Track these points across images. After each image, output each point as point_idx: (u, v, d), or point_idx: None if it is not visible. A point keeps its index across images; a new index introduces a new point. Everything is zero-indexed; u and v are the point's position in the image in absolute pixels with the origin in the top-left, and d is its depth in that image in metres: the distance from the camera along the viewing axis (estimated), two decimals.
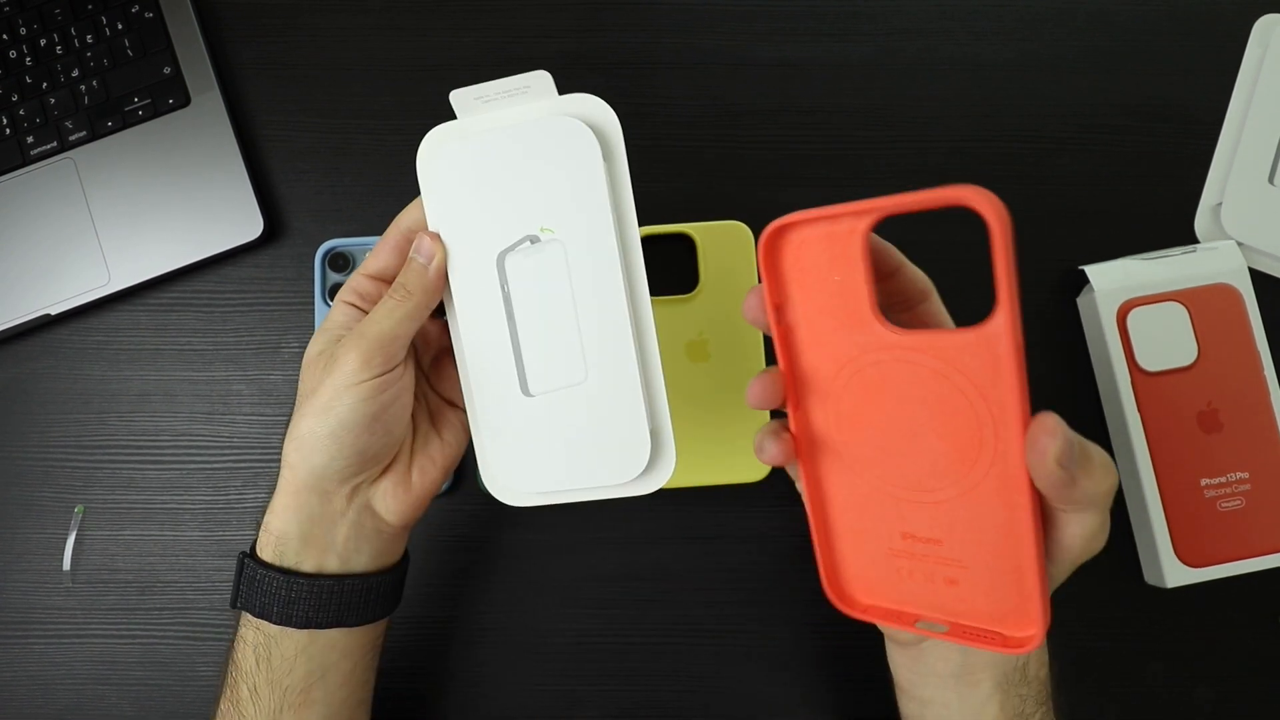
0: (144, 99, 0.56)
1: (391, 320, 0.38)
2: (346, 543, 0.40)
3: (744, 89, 0.57)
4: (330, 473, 0.38)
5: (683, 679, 0.53)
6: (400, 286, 0.39)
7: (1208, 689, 0.53)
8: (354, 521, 0.40)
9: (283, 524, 0.39)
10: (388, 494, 0.40)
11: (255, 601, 0.39)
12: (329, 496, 0.39)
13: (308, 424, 0.38)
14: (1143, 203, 0.56)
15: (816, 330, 0.33)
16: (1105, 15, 0.58)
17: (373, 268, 0.41)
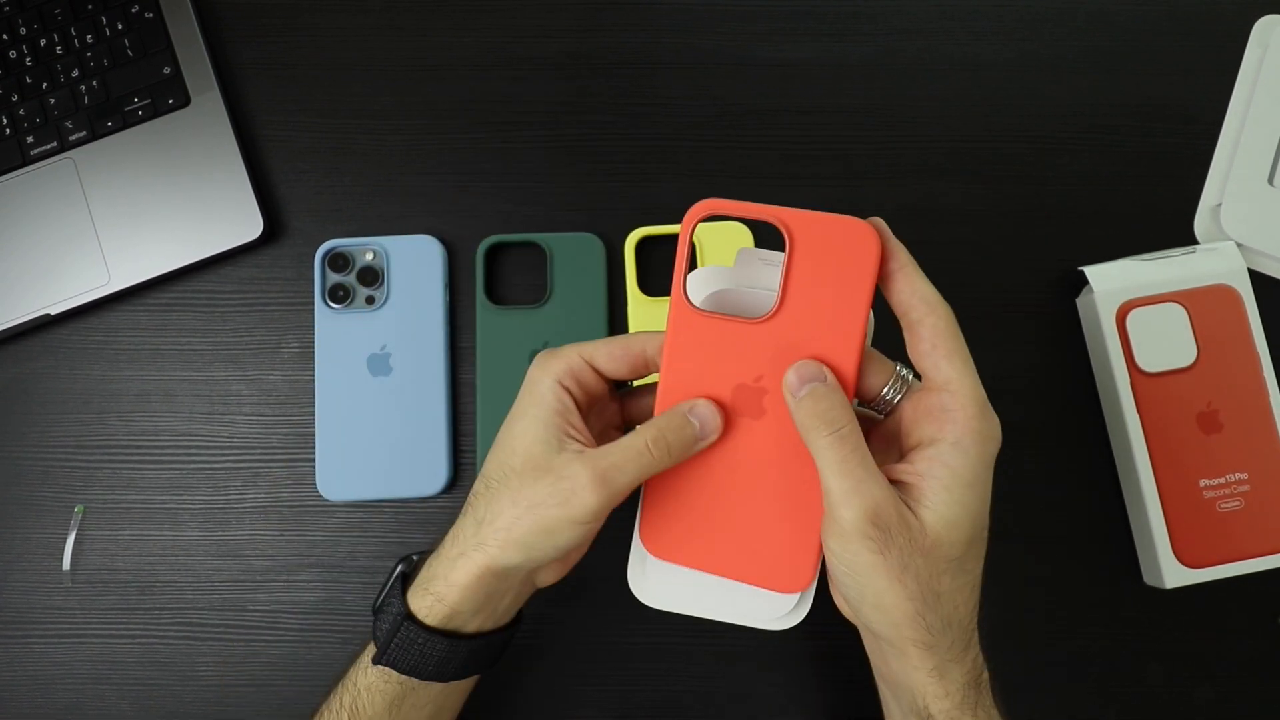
0: (144, 99, 0.56)
1: (639, 477, 0.37)
2: (506, 610, 0.42)
3: (744, 89, 0.57)
4: (526, 569, 0.40)
5: (682, 679, 0.53)
6: (662, 440, 0.36)
7: (1208, 689, 0.53)
8: (517, 593, 0.42)
9: (462, 599, 0.39)
10: (551, 571, 0.42)
11: (408, 661, 0.40)
12: (511, 579, 0.40)
13: (523, 532, 0.37)
14: (1142, 203, 0.56)
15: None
16: (1105, 15, 0.58)
17: (600, 361, 0.39)
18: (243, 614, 0.54)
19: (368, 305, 0.55)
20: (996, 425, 0.36)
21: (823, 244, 0.35)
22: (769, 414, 0.37)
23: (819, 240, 0.35)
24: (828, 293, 0.35)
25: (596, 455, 0.37)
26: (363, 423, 0.54)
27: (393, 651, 0.40)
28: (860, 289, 0.35)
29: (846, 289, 0.35)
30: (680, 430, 0.36)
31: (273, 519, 0.55)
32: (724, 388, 0.37)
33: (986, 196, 0.57)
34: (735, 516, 0.38)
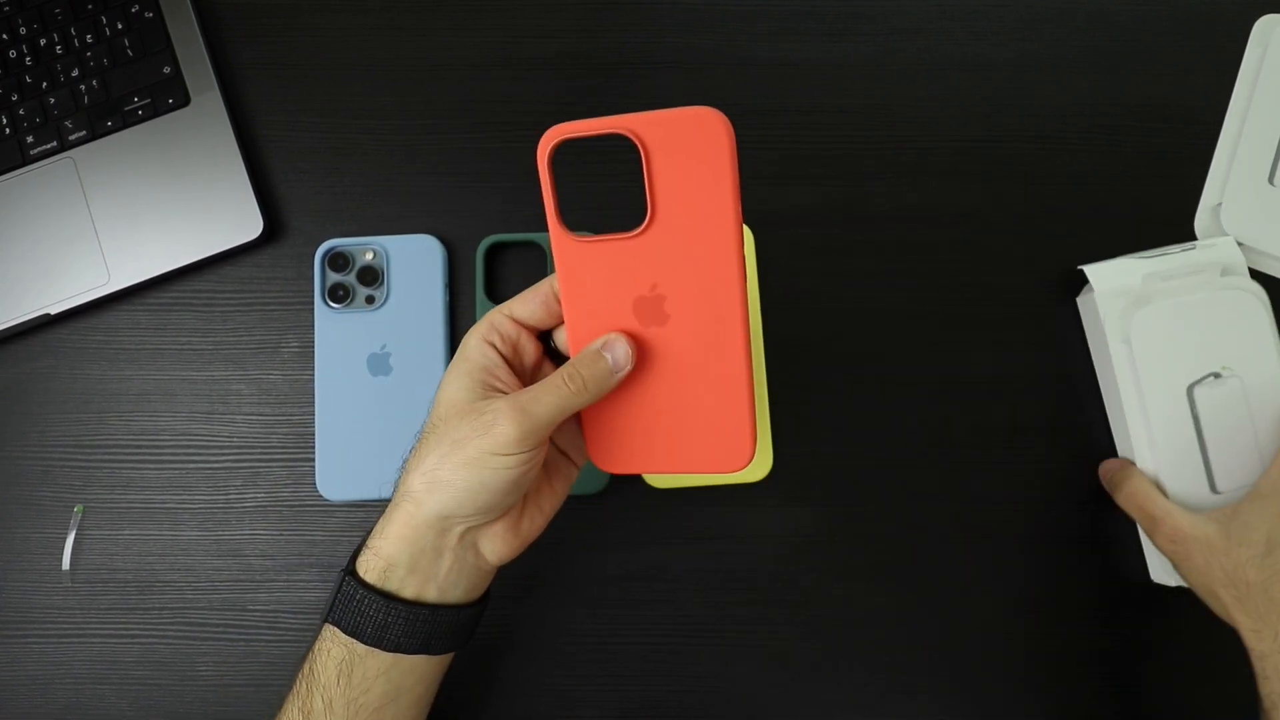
0: (144, 99, 0.56)
1: (558, 408, 0.38)
2: (448, 576, 0.41)
3: (744, 89, 0.57)
4: (456, 518, 0.39)
5: (682, 679, 0.53)
6: (578, 377, 0.38)
7: (1208, 689, 0.53)
8: (459, 557, 0.41)
9: (394, 551, 0.40)
10: (496, 537, 0.41)
11: (348, 620, 0.40)
12: (445, 534, 0.40)
13: (448, 472, 0.38)
14: (1143, 203, 0.56)
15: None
16: (1105, 15, 0.58)
17: (519, 312, 0.41)
18: (243, 614, 0.54)
19: (368, 305, 0.55)
20: None
21: (675, 142, 0.36)
22: (672, 318, 0.38)
23: (671, 139, 0.36)
24: (693, 187, 0.36)
25: (516, 391, 0.39)
26: (363, 423, 0.54)
27: (337, 608, 0.40)
28: (723, 174, 0.36)
29: (710, 178, 0.36)
30: (594, 364, 0.39)
31: (273, 519, 0.55)
32: (624, 304, 0.39)
33: (986, 196, 0.57)
34: (669, 417, 0.40)
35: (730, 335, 0.38)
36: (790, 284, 0.55)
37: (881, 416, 0.55)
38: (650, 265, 0.38)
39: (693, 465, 0.41)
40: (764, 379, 0.54)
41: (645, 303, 0.39)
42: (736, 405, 0.39)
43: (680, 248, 0.37)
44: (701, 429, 0.40)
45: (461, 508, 0.39)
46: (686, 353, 0.39)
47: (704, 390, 0.39)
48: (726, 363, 0.38)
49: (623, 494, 0.54)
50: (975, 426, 0.55)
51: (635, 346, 0.39)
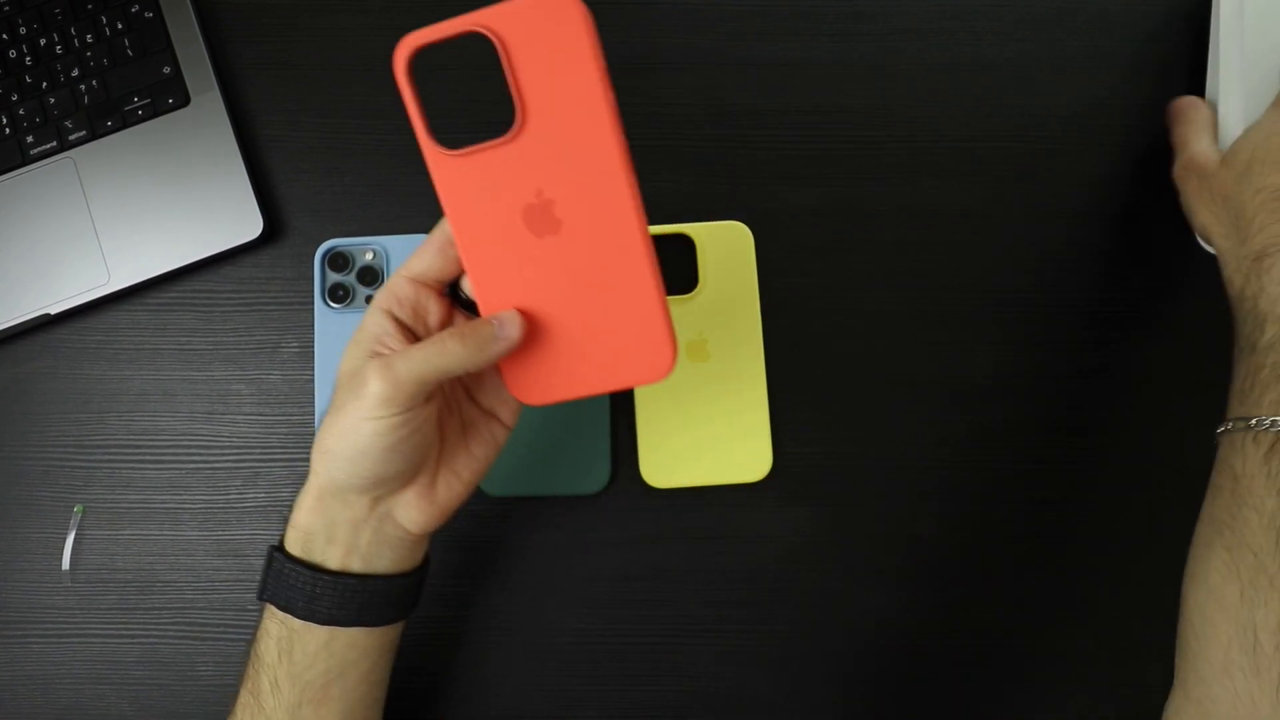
0: (144, 99, 0.56)
1: (428, 367, 0.37)
2: (369, 546, 0.41)
3: (744, 89, 0.57)
4: (349, 487, 0.39)
5: (683, 679, 0.53)
6: (456, 335, 0.37)
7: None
8: (375, 528, 0.41)
9: (309, 521, 0.40)
10: (410, 505, 0.41)
11: (281, 595, 0.40)
12: (350, 504, 0.40)
13: (332, 439, 0.38)
14: (1143, 202, 0.56)
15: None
16: (1105, 15, 0.58)
17: (415, 268, 0.40)
18: (243, 614, 0.54)
19: (368, 305, 0.54)
20: None
21: (532, 33, 0.34)
22: (564, 223, 0.37)
23: (527, 31, 0.34)
24: (559, 79, 0.35)
25: (391, 353, 0.38)
26: None
27: (269, 584, 0.40)
28: (585, 60, 0.34)
29: (574, 67, 0.34)
30: (478, 328, 0.37)
31: (273, 519, 0.55)
32: (513, 215, 0.37)
33: (986, 196, 0.57)
34: (582, 335, 0.38)
35: (627, 232, 0.36)
36: (790, 284, 0.55)
37: (882, 416, 0.55)
38: (531, 169, 0.36)
39: (615, 381, 0.39)
40: (763, 379, 0.54)
41: (534, 210, 0.37)
42: (648, 309, 0.37)
43: (558, 145, 0.36)
44: (617, 341, 0.38)
45: (350, 477, 0.38)
46: (587, 260, 0.37)
47: (612, 299, 0.37)
48: (629, 264, 0.36)
49: (623, 494, 0.54)
50: (975, 426, 0.55)
51: (524, 319, 0.38)
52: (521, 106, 0.35)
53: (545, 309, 0.38)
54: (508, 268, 0.38)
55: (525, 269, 0.38)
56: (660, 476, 0.53)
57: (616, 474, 0.54)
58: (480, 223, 0.38)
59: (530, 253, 0.37)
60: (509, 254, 0.38)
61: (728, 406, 0.53)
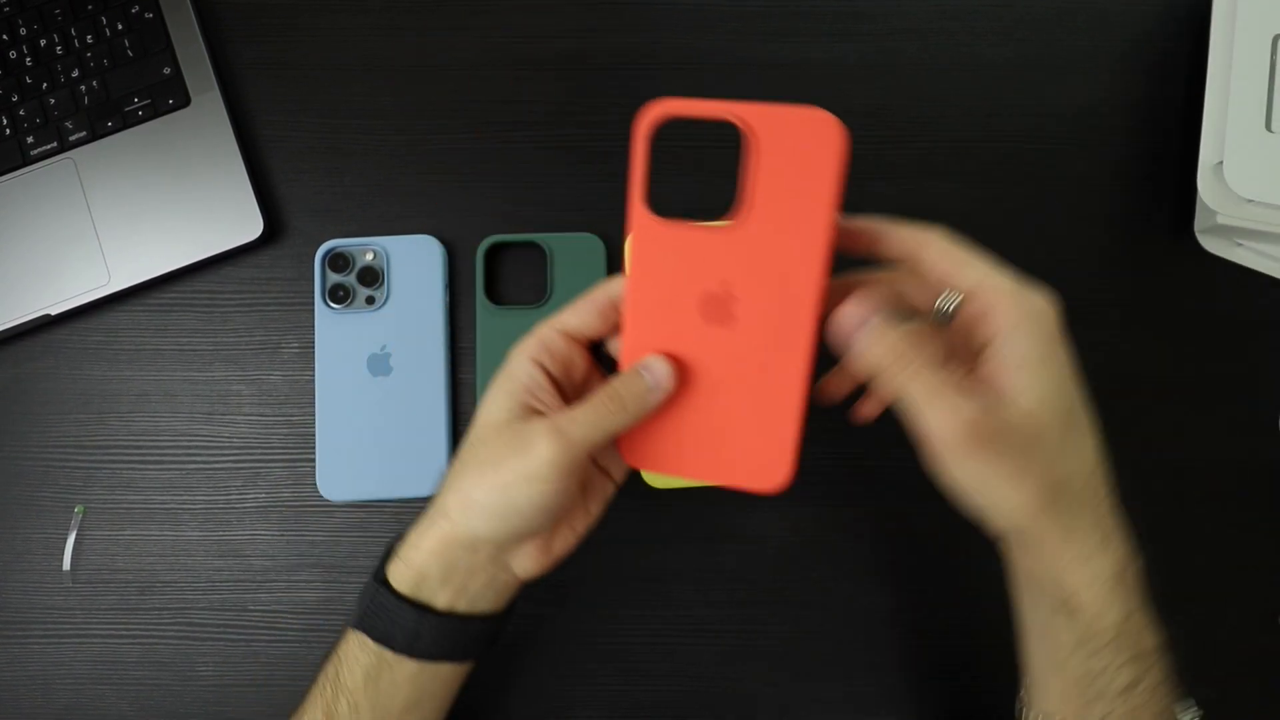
0: (144, 99, 0.56)
1: (597, 428, 0.37)
2: (479, 590, 0.41)
3: (744, 89, 0.57)
4: (487, 540, 0.39)
5: (683, 679, 0.53)
6: (617, 398, 0.37)
7: (1208, 689, 0.53)
8: (490, 574, 0.41)
9: (427, 564, 0.40)
10: (528, 556, 0.41)
11: (380, 628, 0.40)
12: (476, 552, 0.40)
13: (482, 493, 0.38)
14: (1143, 202, 0.56)
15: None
16: (1105, 16, 0.58)
17: (571, 324, 0.39)
18: (243, 614, 0.54)
19: (368, 305, 0.55)
20: (1041, 298, 0.35)
21: (786, 140, 0.34)
22: (739, 321, 0.37)
23: (782, 136, 0.34)
24: (793, 190, 0.34)
25: (556, 413, 0.37)
26: (363, 423, 0.54)
27: (368, 616, 0.40)
28: (828, 183, 0.34)
29: (813, 185, 0.34)
30: (632, 382, 0.37)
31: (273, 519, 0.55)
32: (690, 295, 0.37)
33: (986, 196, 0.57)
34: (710, 423, 0.38)
35: (795, 351, 0.36)
36: None
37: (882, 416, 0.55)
38: (729, 261, 0.36)
39: (724, 476, 0.39)
40: None
41: (714, 299, 0.37)
42: (785, 424, 0.37)
43: (765, 250, 0.35)
44: (741, 441, 0.38)
45: (494, 532, 0.38)
46: (744, 360, 0.37)
47: (753, 401, 0.37)
48: (784, 378, 0.37)
49: (623, 494, 0.54)
50: None
51: (675, 367, 0.37)
52: (747, 202, 0.35)
53: (687, 389, 0.38)
54: (666, 340, 0.38)
55: (683, 347, 0.38)
56: (660, 477, 0.53)
57: None
58: (657, 292, 0.37)
59: (693, 334, 0.37)
60: (673, 329, 0.38)
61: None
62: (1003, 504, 0.34)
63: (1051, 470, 0.34)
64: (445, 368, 0.54)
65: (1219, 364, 0.55)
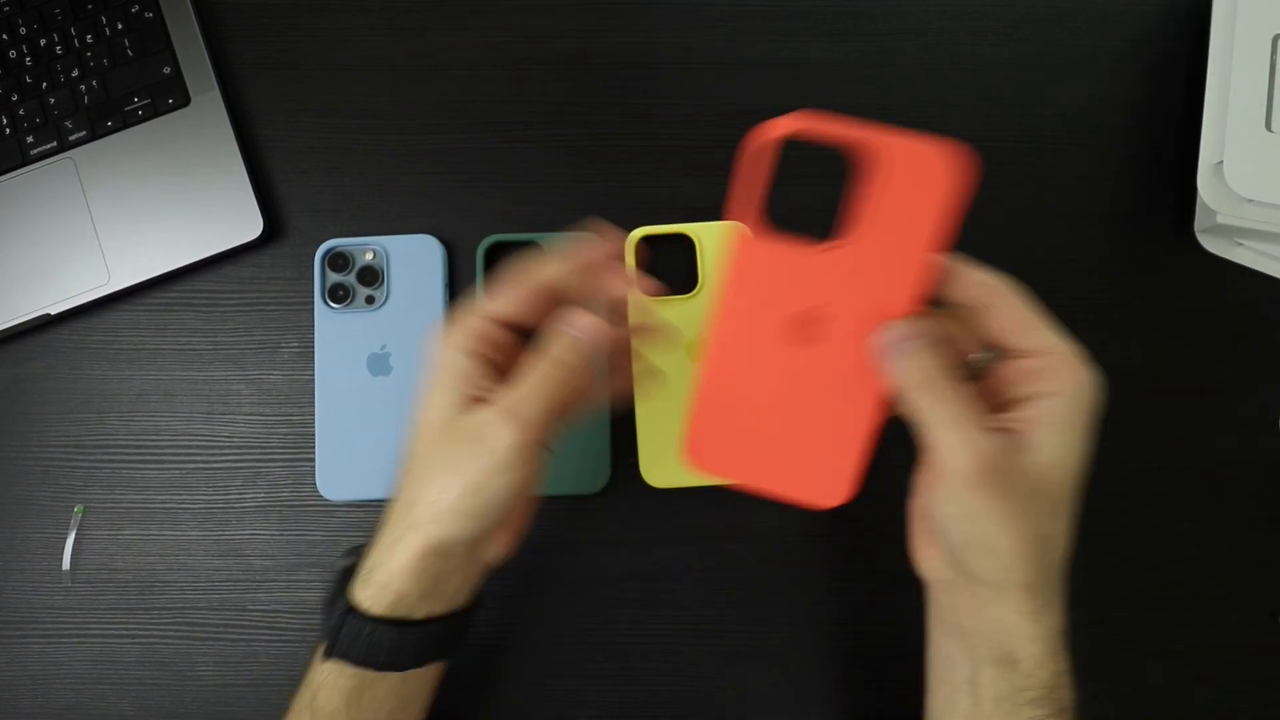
0: (144, 99, 0.56)
1: (550, 400, 0.36)
2: (455, 590, 0.40)
3: (744, 89, 0.57)
4: (466, 542, 0.38)
5: (683, 679, 0.53)
6: (556, 361, 0.37)
7: (1208, 689, 0.53)
8: (464, 570, 0.40)
9: (402, 582, 0.38)
10: (499, 543, 0.40)
11: (358, 653, 0.38)
12: (452, 557, 0.39)
13: (453, 498, 0.36)
14: (1143, 202, 0.56)
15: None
16: (1105, 16, 0.58)
17: (500, 311, 0.38)
18: (243, 614, 0.54)
19: (368, 305, 0.55)
20: (1094, 375, 0.35)
21: (910, 171, 0.35)
22: (831, 341, 0.37)
23: (907, 166, 0.35)
24: (907, 219, 0.35)
25: (500, 396, 0.36)
26: (363, 423, 0.54)
27: (341, 644, 0.38)
28: (940, 214, 0.35)
29: (925, 216, 0.35)
30: (567, 344, 0.37)
31: (273, 519, 0.55)
32: (782, 310, 0.37)
33: (986, 196, 0.56)
34: (781, 436, 0.39)
35: (879, 376, 0.36)
36: None
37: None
38: (830, 282, 0.36)
39: (782, 487, 0.39)
40: None
41: (806, 318, 0.37)
42: (853, 444, 0.38)
43: (870, 275, 0.36)
44: (808, 456, 0.39)
45: (472, 533, 0.37)
46: (826, 378, 0.38)
47: (827, 420, 0.38)
48: (861, 400, 0.37)
49: (623, 494, 0.54)
50: None
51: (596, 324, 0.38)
52: (856, 227, 0.36)
53: (760, 398, 0.39)
54: (753, 351, 0.38)
55: (765, 356, 0.38)
56: (660, 476, 0.53)
57: (616, 474, 0.54)
58: (750, 301, 0.38)
59: (780, 349, 0.38)
60: (761, 341, 0.38)
61: None
62: (988, 543, 0.34)
63: (1042, 525, 0.34)
64: None
65: (1219, 364, 0.55)
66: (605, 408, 0.42)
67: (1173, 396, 0.55)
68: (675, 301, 0.54)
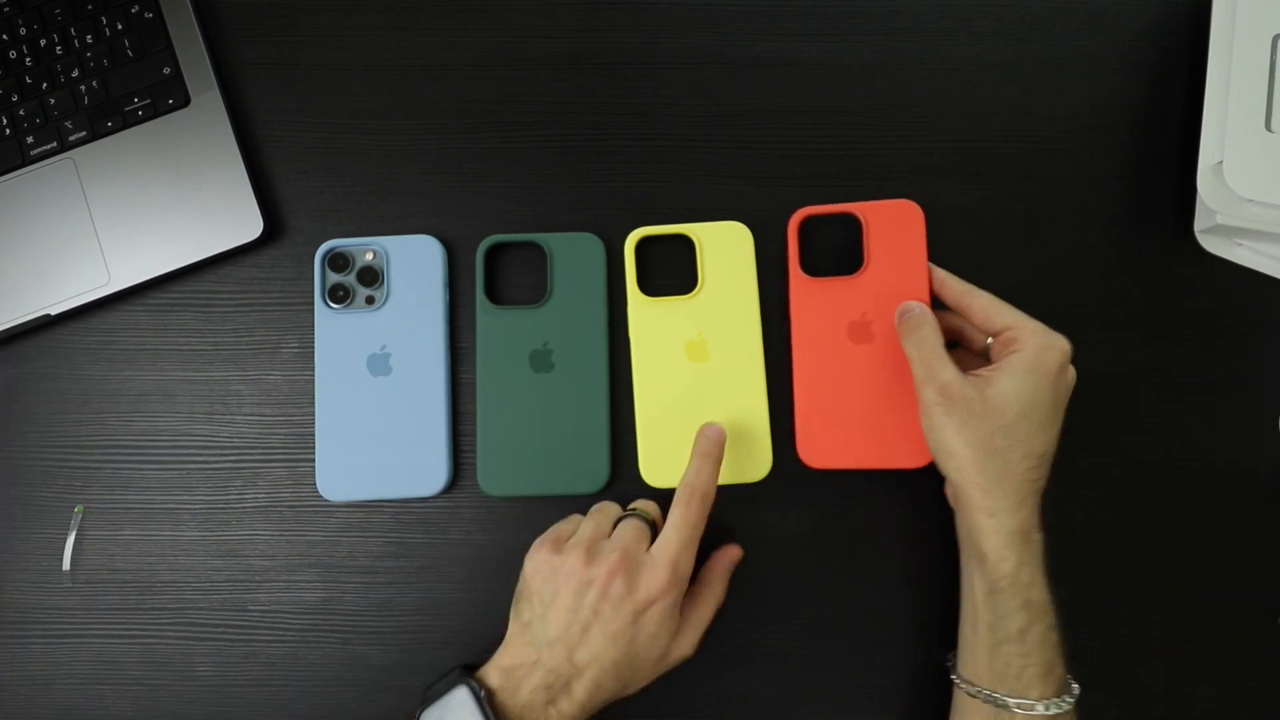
0: (144, 99, 0.56)
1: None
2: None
3: (744, 89, 0.57)
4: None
5: (683, 679, 0.53)
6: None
7: (1208, 689, 0.53)
8: None
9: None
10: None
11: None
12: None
13: (628, 676, 0.46)
14: (1143, 202, 0.56)
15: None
16: (1105, 16, 0.58)
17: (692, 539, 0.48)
18: (243, 614, 0.55)
19: (368, 305, 0.55)
20: (1060, 338, 0.46)
21: (888, 219, 0.52)
22: (877, 339, 0.52)
23: (884, 218, 0.52)
24: (896, 250, 0.52)
25: (676, 576, 0.46)
26: (363, 423, 0.54)
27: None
28: (917, 242, 0.52)
29: (910, 242, 0.52)
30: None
31: (273, 519, 0.55)
32: (841, 325, 0.52)
33: (986, 196, 0.57)
34: (866, 420, 0.52)
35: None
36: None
37: None
38: (862, 299, 0.52)
39: (883, 461, 0.52)
40: (763, 379, 0.54)
41: (857, 326, 0.52)
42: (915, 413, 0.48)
43: (885, 289, 0.52)
44: (890, 431, 0.51)
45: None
46: (887, 365, 0.51)
47: (892, 399, 0.51)
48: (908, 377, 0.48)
49: (622, 493, 0.54)
50: None
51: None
52: (867, 259, 0.52)
53: (842, 395, 0.52)
54: (827, 362, 0.52)
55: (840, 365, 0.52)
56: (660, 476, 0.53)
57: (616, 474, 0.54)
58: (813, 323, 0.53)
59: (846, 354, 0.52)
60: (830, 352, 0.53)
61: (727, 406, 0.53)
62: (948, 446, 0.45)
63: (991, 439, 0.44)
64: (445, 368, 0.54)
65: (1219, 364, 0.55)
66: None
67: (1172, 396, 0.55)
68: (675, 301, 0.54)
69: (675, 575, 0.45)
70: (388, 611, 0.54)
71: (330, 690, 0.54)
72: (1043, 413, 0.45)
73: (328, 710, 0.54)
